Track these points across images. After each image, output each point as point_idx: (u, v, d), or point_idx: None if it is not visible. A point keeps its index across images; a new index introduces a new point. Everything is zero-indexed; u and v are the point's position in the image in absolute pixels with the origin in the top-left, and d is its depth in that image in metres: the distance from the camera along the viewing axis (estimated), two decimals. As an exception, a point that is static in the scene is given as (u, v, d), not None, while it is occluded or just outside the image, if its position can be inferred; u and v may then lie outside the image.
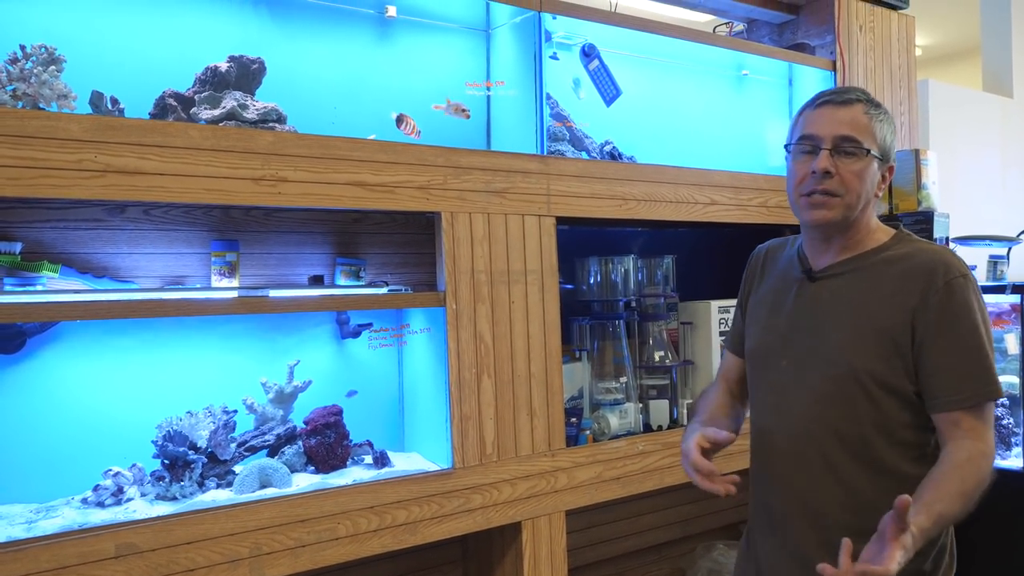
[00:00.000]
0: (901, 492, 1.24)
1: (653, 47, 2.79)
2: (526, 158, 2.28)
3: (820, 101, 1.45)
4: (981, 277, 3.36)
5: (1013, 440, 2.74)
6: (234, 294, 1.91)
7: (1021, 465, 2.58)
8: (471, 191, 2.18)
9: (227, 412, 1.98)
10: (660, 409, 2.66)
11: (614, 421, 2.53)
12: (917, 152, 2.85)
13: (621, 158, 2.60)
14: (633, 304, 2.65)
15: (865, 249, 1.46)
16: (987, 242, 2.97)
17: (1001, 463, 2.67)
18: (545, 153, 2.35)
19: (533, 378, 2.28)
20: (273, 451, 2.06)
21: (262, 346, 2.17)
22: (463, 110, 2.31)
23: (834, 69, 3.06)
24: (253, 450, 2.03)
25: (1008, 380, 2.91)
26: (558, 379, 2.33)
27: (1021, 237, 2.96)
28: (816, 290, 1.49)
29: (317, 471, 2.06)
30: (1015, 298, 2.61)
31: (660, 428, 2.63)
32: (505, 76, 2.46)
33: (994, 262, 3.79)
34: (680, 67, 2.95)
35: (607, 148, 2.57)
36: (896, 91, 3.27)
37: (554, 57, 2.54)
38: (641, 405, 2.64)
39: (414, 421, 2.35)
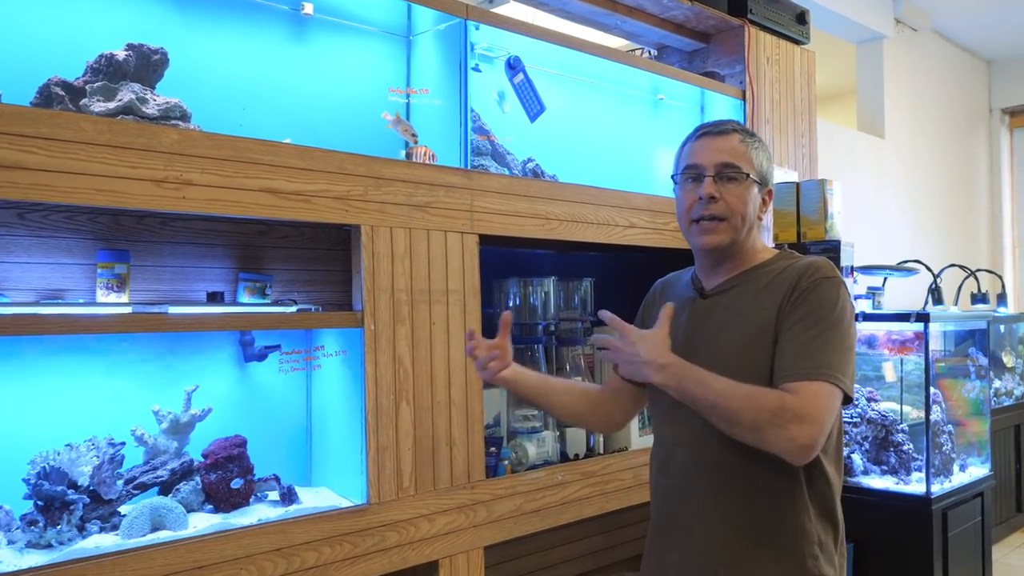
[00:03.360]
0: (793, 484, 1.42)
1: (575, 66, 2.74)
2: (449, 171, 2.16)
3: (700, 133, 1.55)
4: (866, 306, 3.50)
5: (913, 465, 2.80)
6: (127, 310, 1.69)
7: (924, 491, 2.64)
8: (392, 204, 2.03)
9: (113, 445, 1.75)
10: (577, 437, 2.57)
11: (532, 450, 2.42)
12: (823, 182, 2.91)
13: (544, 176, 2.52)
14: (552, 328, 2.56)
15: (750, 266, 1.54)
16: (888, 272, 3.06)
17: (904, 488, 2.72)
18: (469, 167, 2.23)
19: (453, 405, 2.14)
20: (167, 488, 1.83)
21: (155, 370, 1.94)
22: (412, 134, 2.18)
23: (744, 98, 3.10)
24: (143, 488, 1.80)
25: (889, 407, 3.00)
26: (479, 406, 2.20)
27: (918, 267, 3.07)
28: (707, 306, 1.55)
29: (217, 510, 1.85)
30: (919, 326, 2.68)
31: (577, 457, 2.54)
32: (427, 85, 2.33)
33: (873, 292, 3.95)
34: (600, 88, 2.92)
35: (530, 165, 2.48)
36: (799, 123, 3.35)
37: (476, 69, 2.44)
38: (558, 433, 2.54)
39: (324, 453, 2.16)
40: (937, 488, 2.61)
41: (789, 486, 1.43)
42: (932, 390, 2.69)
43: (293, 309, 1.99)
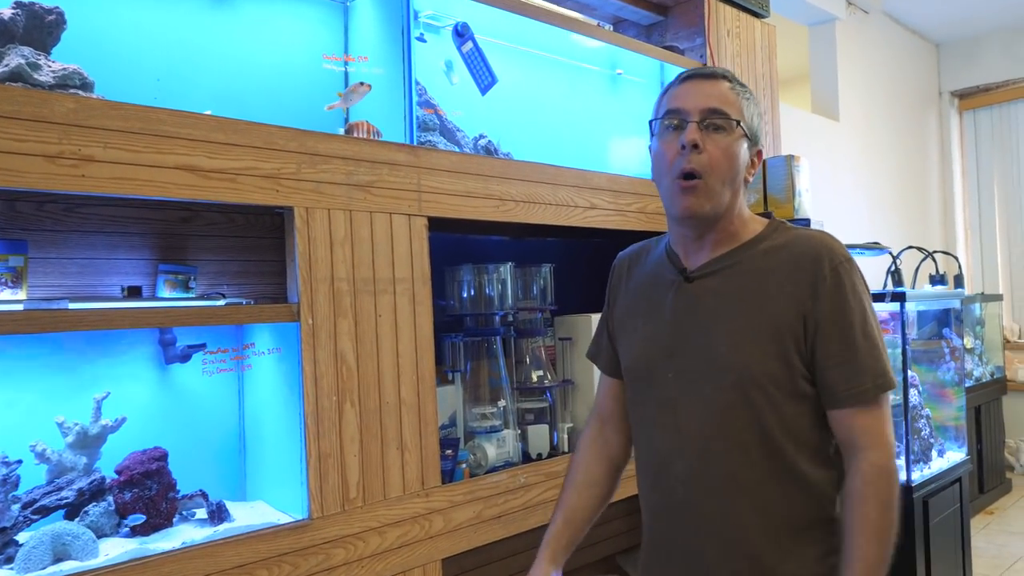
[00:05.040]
0: (812, 502, 1.29)
1: (528, 38, 2.55)
2: (394, 147, 1.95)
3: (686, 76, 1.36)
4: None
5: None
6: (19, 307, 1.45)
7: (904, 479, 2.52)
8: (330, 183, 1.82)
9: (7, 463, 1.51)
10: (539, 435, 2.38)
11: (491, 451, 2.23)
12: (790, 158, 2.77)
13: (497, 154, 2.32)
14: (510, 319, 2.37)
15: (741, 242, 1.35)
16: (860, 251, 2.94)
17: (883, 478, 2.60)
18: (415, 143, 2.03)
19: (404, 405, 1.94)
20: (73, 511, 1.60)
21: (59, 376, 1.70)
22: (361, 84, 1.97)
23: (705, 73, 2.94)
24: (45, 512, 1.56)
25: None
26: (432, 406, 2.00)
27: (888, 246, 2.95)
28: (695, 291, 1.35)
29: (134, 534, 1.62)
30: (895, 306, 2.55)
31: (540, 456, 2.35)
32: (367, 55, 2.12)
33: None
34: (555, 63, 2.73)
35: (481, 142, 2.29)
36: (761, 99, 3.21)
37: (421, 39, 2.24)
38: (519, 431, 2.35)
39: (259, 463, 1.94)
40: (917, 476, 2.49)
41: (803, 494, 1.30)
42: (909, 373, 2.57)
43: (221, 303, 1.76)
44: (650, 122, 1.38)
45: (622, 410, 1.52)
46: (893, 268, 4.03)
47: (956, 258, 5.18)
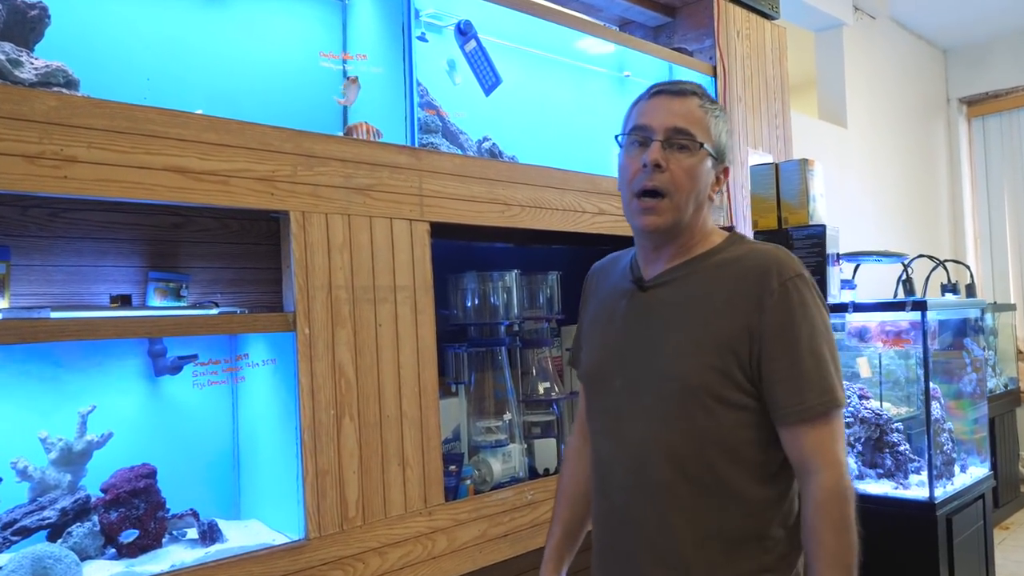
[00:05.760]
0: (749, 519, 1.26)
1: (533, 39, 2.47)
2: (395, 149, 1.87)
3: (654, 91, 1.36)
4: (850, 296, 3.28)
5: (911, 467, 2.58)
6: (-3, 316, 1.37)
7: (927, 496, 2.42)
8: (327, 186, 1.74)
9: (-14, 482, 1.43)
10: (546, 449, 2.29)
11: (497, 467, 2.14)
12: (804, 162, 2.68)
13: (502, 157, 2.24)
14: (515, 328, 2.28)
15: (697, 253, 1.35)
16: (877, 258, 2.85)
17: (904, 493, 2.50)
18: (417, 145, 1.95)
19: (405, 419, 1.85)
20: (56, 532, 1.51)
21: (42, 389, 1.62)
22: (350, 80, 1.91)
23: (715, 75, 2.87)
24: (26, 532, 1.48)
25: (875, 405, 2.78)
26: (435, 419, 1.91)
27: (905, 253, 2.86)
28: (648, 300, 1.36)
29: (120, 556, 1.53)
30: (915, 315, 2.46)
31: (548, 472, 2.26)
32: (367, 54, 2.04)
33: (843, 283, 3.75)
34: (561, 65, 2.65)
35: (485, 145, 2.21)
36: (771, 103, 3.13)
37: (422, 38, 2.16)
38: (525, 446, 2.26)
39: (253, 480, 1.85)
40: (940, 492, 2.40)
41: (739, 509, 1.28)
42: (930, 385, 2.48)
43: (214, 312, 1.68)
44: (616, 136, 1.39)
45: None
46: (904, 277, 3.94)
47: (968, 267, 5.08)
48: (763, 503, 1.28)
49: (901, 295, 3.93)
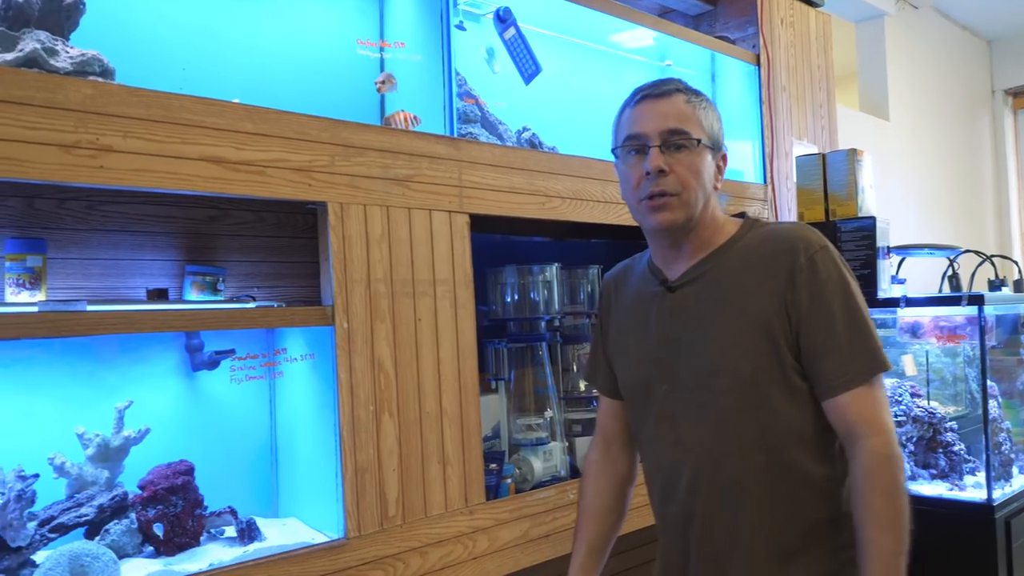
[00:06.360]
0: (816, 499, 1.28)
1: (573, 28, 2.41)
2: (433, 139, 1.82)
3: (639, 97, 1.36)
4: (900, 291, 3.16)
5: (966, 468, 2.49)
6: (34, 309, 1.34)
7: (984, 498, 2.32)
8: (366, 177, 1.70)
9: (23, 477, 1.40)
10: (587, 448, 2.23)
11: (538, 465, 2.08)
12: (852, 152, 2.59)
13: (542, 147, 2.19)
14: (556, 324, 2.23)
15: (717, 245, 1.36)
16: (929, 251, 2.75)
17: (960, 495, 2.40)
18: (456, 135, 1.90)
19: (445, 415, 1.81)
20: (94, 530, 1.49)
21: (79, 384, 1.60)
22: (387, 76, 1.87)
23: (758, 64, 2.79)
24: (63, 530, 1.45)
25: (937, 406, 2.68)
26: (475, 416, 1.87)
27: (959, 246, 2.76)
28: (678, 300, 1.36)
29: (159, 554, 1.50)
30: (971, 310, 2.37)
31: (589, 470, 2.20)
32: (404, 43, 2.00)
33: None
34: (602, 54, 2.59)
35: (525, 135, 2.15)
36: (816, 93, 3.05)
37: (460, 27, 2.11)
38: (566, 444, 2.20)
39: (291, 477, 1.81)
40: (998, 494, 2.30)
41: (809, 492, 1.29)
42: (988, 382, 2.38)
43: (252, 305, 1.65)
44: (612, 150, 1.39)
45: (625, 429, 1.53)
46: (950, 272, 3.82)
47: (1015, 262, 4.93)
48: (829, 482, 1.29)
49: (946, 291, 3.81)
